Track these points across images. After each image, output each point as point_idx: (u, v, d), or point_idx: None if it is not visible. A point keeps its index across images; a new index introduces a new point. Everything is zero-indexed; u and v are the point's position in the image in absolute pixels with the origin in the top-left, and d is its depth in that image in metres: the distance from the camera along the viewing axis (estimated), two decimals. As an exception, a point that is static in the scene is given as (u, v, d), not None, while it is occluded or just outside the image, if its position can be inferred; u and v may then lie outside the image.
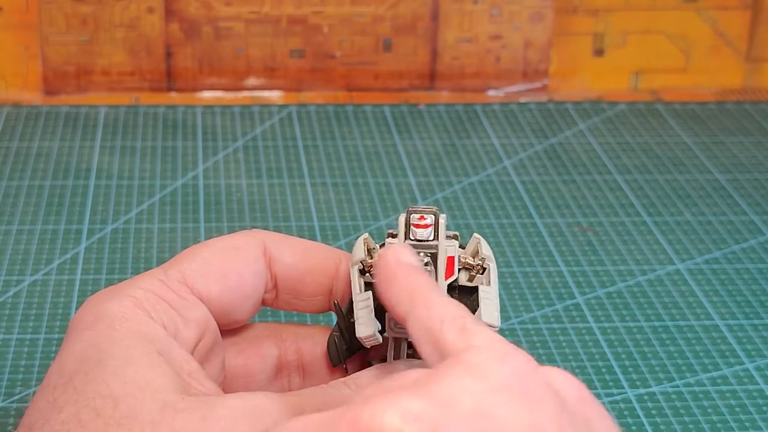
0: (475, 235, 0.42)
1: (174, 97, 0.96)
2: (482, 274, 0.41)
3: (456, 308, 0.35)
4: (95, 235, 0.74)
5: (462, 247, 0.42)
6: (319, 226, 0.75)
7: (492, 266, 0.41)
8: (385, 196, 0.80)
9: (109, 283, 0.69)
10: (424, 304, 0.35)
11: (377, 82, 0.98)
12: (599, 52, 0.99)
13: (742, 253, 0.74)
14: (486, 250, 0.41)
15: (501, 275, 0.70)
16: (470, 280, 0.41)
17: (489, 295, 0.40)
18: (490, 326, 0.39)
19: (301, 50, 0.97)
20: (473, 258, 0.41)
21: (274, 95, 0.97)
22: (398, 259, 0.37)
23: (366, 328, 0.41)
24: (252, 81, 0.97)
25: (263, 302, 0.43)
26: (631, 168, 0.85)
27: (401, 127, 0.91)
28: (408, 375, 0.32)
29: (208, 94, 0.97)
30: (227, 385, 0.42)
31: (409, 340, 0.41)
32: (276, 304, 0.44)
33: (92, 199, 0.78)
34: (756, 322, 0.66)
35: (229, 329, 0.44)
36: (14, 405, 0.58)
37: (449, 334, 0.33)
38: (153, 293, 0.39)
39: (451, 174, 0.84)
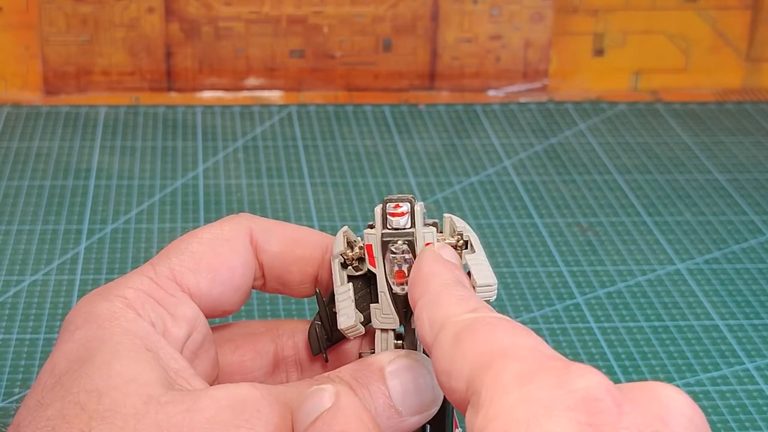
0: (445, 214, 0.42)
1: (174, 97, 0.96)
2: (467, 248, 0.41)
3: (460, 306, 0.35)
4: (95, 235, 0.74)
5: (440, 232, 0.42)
6: (319, 226, 0.75)
7: (472, 236, 0.41)
8: (385, 196, 0.80)
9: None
10: (433, 303, 0.36)
11: (377, 82, 0.98)
12: (599, 52, 0.99)
13: (742, 253, 0.74)
14: (459, 224, 0.41)
15: (501, 275, 0.70)
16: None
17: (477, 259, 0.40)
18: (488, 286, 0.40)
19: (301, 50, 0.97)
20: (452, 237, 0.41)
21: (274, 95, 0.97)
22: (431, 256, 0.38)
23: (347, 319, 0.41)
24: (252, 81, 0.97)
25: (252, 287, 0.43)
26: (631, 168, 0.85)
27: (401, 127, 0.91)
28: None
29: (208, 94, 0.97)
30: (223, 381, 0.42)
31: (395, 330, 0.41)
32: (264, 290, 0.44)
33: (92, 199, 0.78)
34: (756, 322, 0.66)
35: (225, 328, 0.44)
36: (14, 405, 0.58)
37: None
38: (142, 292, 0.39)
39: (451, 174, 0.84)
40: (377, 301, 0.41)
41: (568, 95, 0.99)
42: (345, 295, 0.42)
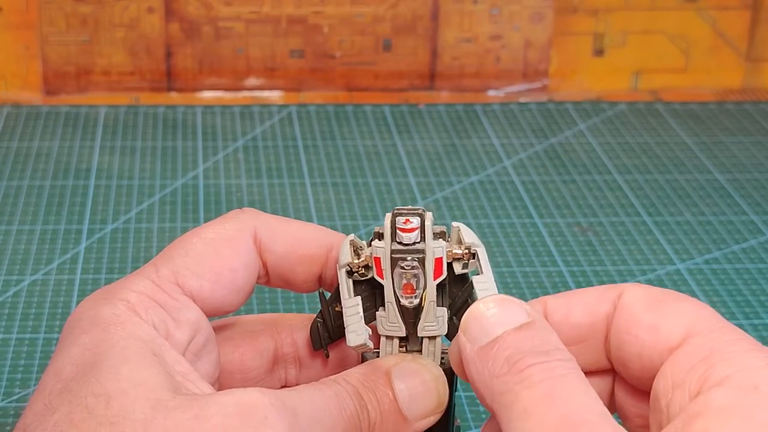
0: (454, 224, 0.41)
1: (174, 97, 0.96)
2: (474, 259, 0.41)
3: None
4: (95, 235, 0.74)
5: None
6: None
7: (480, 251, 0.41)
8: (385, 196, 0.80)
9: (109, 283, 0.69)
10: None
11: (377, 82, 0.98)
12: (599, 52, 0.99)
13: (742, 253, 0.74)
14: (468, 236, 0.41)
15: (501, 275, 0.70)
16: (464, 267, 0.41)
17: (485, 284, 0.40)
18: None
19: (301, 50, 0.97)
20: (459, 247, 0.41)
21: (274, 95, 0.97)
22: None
23: (356, 336, 0.41)
24: (252, 81, 0.97)
25: (256, 281, 0.43)
26: (631, 168, 0.85)
27: (401, 127, 0.91)
28: None
29: (208, 94, 0.97)
30: (224, 380, 0.42)
31: (401, 336, 0.41)
32: (268, 285, 0.44)
33: (92, 199, 0.78)
34: (756, 322, 0.66)
35: (225, 326, 0.44)
36: (13, 405, 0.58)
37: None
38: (145, 295, 0.39)
39: (451, 174, 0.84)
40: (383, 305, 0.41)
41: (568, 95, 0.99)
42: (353, 310, 0.41)
